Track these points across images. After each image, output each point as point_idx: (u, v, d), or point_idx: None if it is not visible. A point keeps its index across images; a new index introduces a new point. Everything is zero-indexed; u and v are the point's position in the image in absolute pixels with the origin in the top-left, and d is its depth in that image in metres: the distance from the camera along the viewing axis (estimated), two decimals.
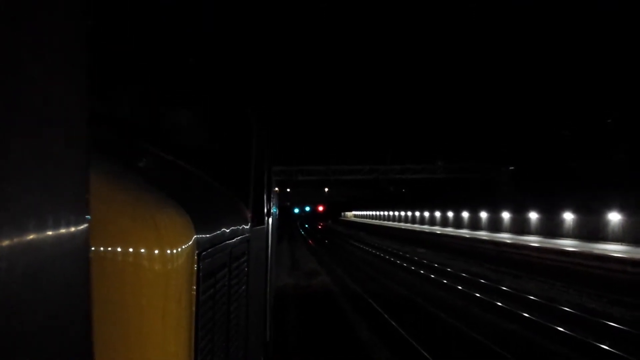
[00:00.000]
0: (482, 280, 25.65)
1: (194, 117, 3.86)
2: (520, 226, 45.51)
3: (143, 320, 1.64)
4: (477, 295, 21.11)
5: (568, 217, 38.31)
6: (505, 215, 48.64)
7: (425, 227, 69.99)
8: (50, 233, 0.84)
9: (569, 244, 32.83)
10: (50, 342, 0.86)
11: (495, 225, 50.51)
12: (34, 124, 0.81)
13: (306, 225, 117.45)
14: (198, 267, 1.95)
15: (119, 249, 1.61)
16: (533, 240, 37.43)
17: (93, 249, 1.47)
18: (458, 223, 60.85)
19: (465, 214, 58.86)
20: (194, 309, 1.91)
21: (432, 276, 27.89)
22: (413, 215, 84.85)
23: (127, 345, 1.61)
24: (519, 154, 50.60)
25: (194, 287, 1.92)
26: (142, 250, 1.64)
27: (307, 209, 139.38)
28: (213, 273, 2.27)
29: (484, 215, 53.79)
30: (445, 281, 25.66)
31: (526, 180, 46.11)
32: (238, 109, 4.10)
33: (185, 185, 2.85)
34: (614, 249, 28.63)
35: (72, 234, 0.93)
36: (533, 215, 43.31)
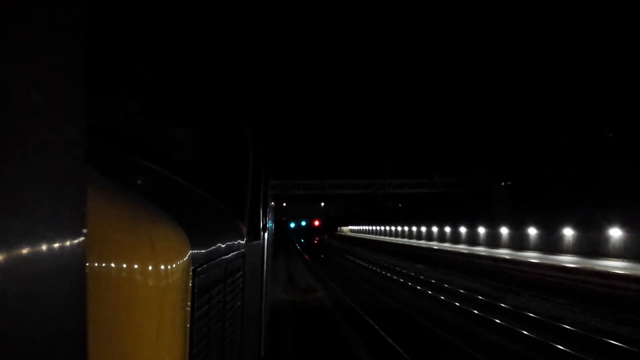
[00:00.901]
0: (483, 298, 25.41)
1: (190, 131, 3.89)
2: (518, 242, 45.51)
3: (138, 336, 1.63)
4: (478, 313, 20.87)
5: (568, 232, 38.31)
6: (504, 231, 48.65)
7: (422, 242, 69.79)
8: (46, 247, 0.85)
9: (569, 260, 32.72)
10: (44, 358, 0.86)
11: (493, 240, 50.49)
12: (29, 139, 0.82)
13: (302, 240, 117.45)
14: (193, 282, 1.95)
15: (113, 264, 1.60)
16: (532, 256, 37.33)
17: (88, 264, 1.49)
18: (455, 238, 60.85)
19: (462, 229, 58.90)
20: (188, 325, 1.91)
21: (431, 293, 27.70)
22: (410, 230, 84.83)
23: None
24: (517, 168, 50.81)
25: (189, 303, 1.92)
26: (137, 266, 1.64)
27: (303, 223, 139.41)
28: (208, 289, 2.27)
29: (481, 230, 53.81)
30: (445, 298, 25.43)
31: (524, 195, 46.22)
32: (234, 123, 4.13)
33: (181, 200, 2.87)
34: (616, 266, 28.42)
35: (68, 249, 0.93)
36: (532, 231, 43.32)
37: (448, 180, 55.64)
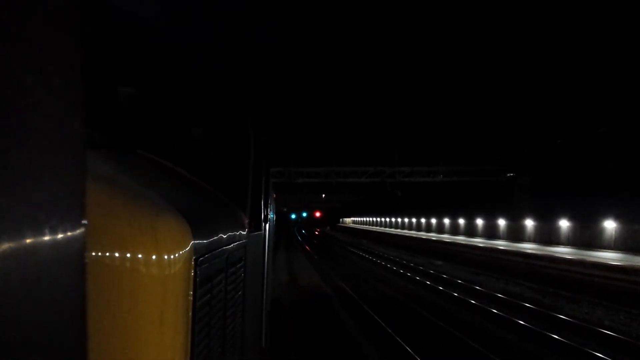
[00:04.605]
0: (533, 306, 22.46)
1: (190, 121, 4.09)
2: (547, 235, 44.61)
3: (139, 326, 1.75)
4: (540, 330, 18.11)
5: (609, 225, 36.86)
6: (529, 223, 47.98)
7: (432, 235, 69.02)
8: (45, 238, 0.90)
9: (616, 257, 30.99)
10: (45, 348, 0.92)
11: (515, 233, 49.98)
12: (29, 129, 0.88)
13: (303, 231, 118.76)
14: (195, 272, 2.11)
15: (115, 254, 1.71)
16: (567, 252, 35.79)
17: (89, 254, 1.58)
18: (471, 231, 60.48)
19: (479, 221, 58.51)
20: (190, 314, 2.06)
21: (466, 299, 25.25)
22: (418, 222, 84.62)
23: (123, 351, 1.71)
24: (543, 153, 50.02)
25: (191, 293, 2.07)
26: (140, 256, 1.75)
27: (304, 214, 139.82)
28: (210, 279, 2.46)
29: (502, 222, 53.35)
30: (486, 307, 22.67)
31: (550, 184, 45.50)
32: (235, 113, 4.33)
33: (182, 190, 3.05)
34: None
35: (68, 239, 0.98)
36: (563, 223, 42.33)
37: (465, 167, 55.29)
